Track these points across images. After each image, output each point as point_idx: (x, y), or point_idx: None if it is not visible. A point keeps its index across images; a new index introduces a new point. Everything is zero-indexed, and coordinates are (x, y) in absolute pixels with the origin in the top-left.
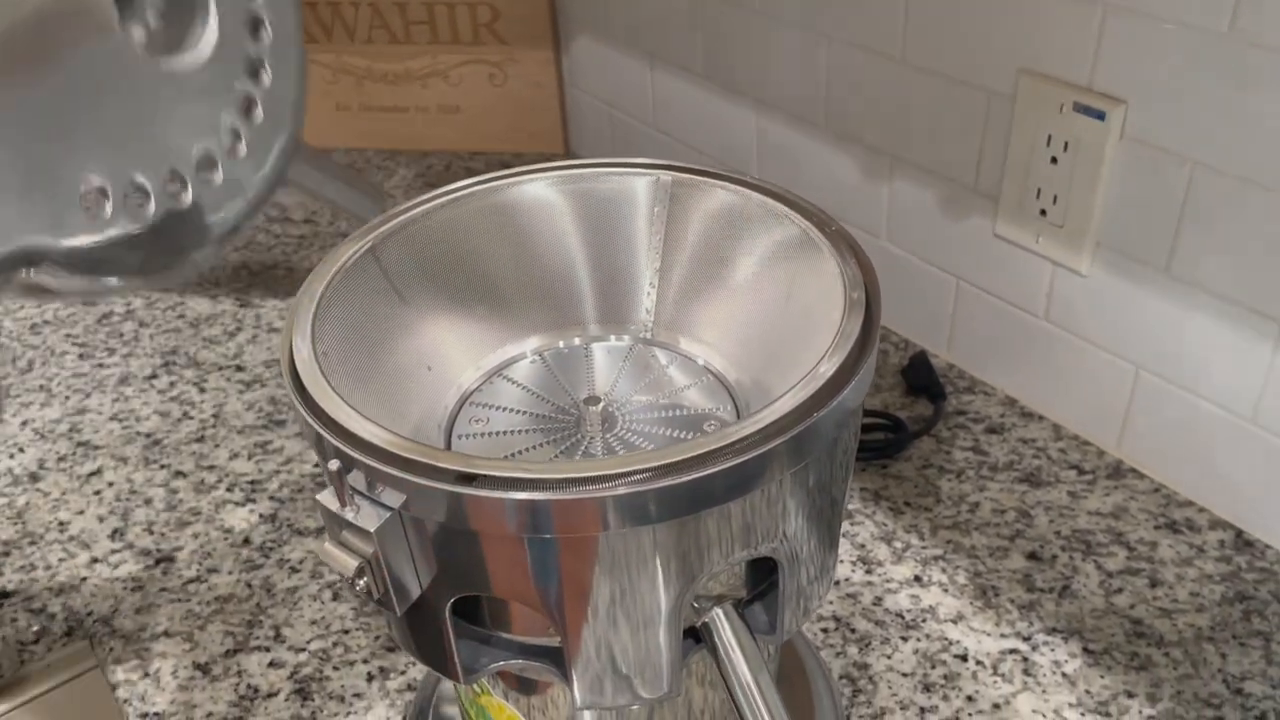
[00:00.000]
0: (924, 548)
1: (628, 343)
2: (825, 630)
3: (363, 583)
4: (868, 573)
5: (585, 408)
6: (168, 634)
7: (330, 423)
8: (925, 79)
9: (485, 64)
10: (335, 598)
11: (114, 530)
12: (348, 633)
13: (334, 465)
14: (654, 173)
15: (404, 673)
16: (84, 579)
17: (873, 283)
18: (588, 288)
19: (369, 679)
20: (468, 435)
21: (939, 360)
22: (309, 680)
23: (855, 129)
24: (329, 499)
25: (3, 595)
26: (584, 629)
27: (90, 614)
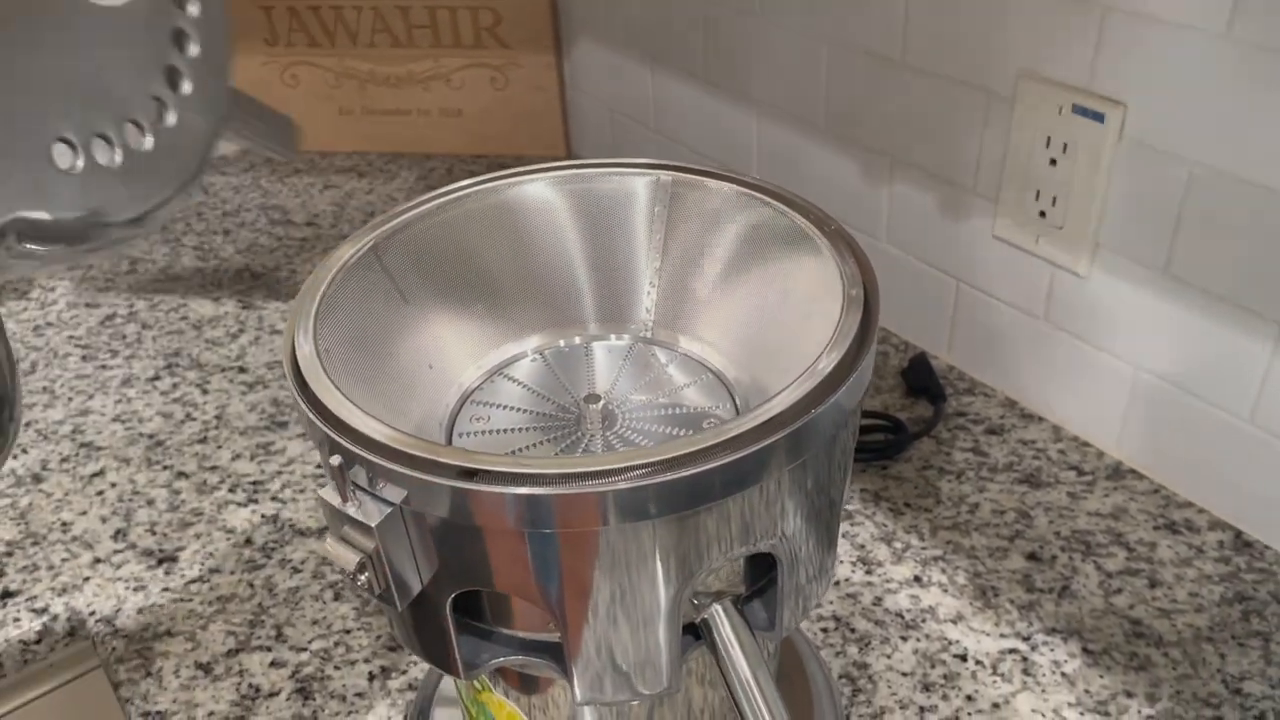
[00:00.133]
0: (924, 548)
1: (628, 341)
2: (825, 630)
3: (364, 578)
4: (868, 573)
5: (585, 406)
6: (170, 633)
7: (332, 418)
8: (925, 81)
9: (487, 67)
10: (337, 598)
11: (117, 530)
12: (349, 632)
13: (335, 460)
14: (654, 172)
15: (405, 672)
16: (87, 579)
17: (871, 280)
18: (588, 287)
19: (370, 678)
20: (469, 433)
21: (939, 362)
22: (310, 679)
23: (855, 131)
24: (331, 494)
25: (6, 595)
26: (584, 624)
27: (93, 614)
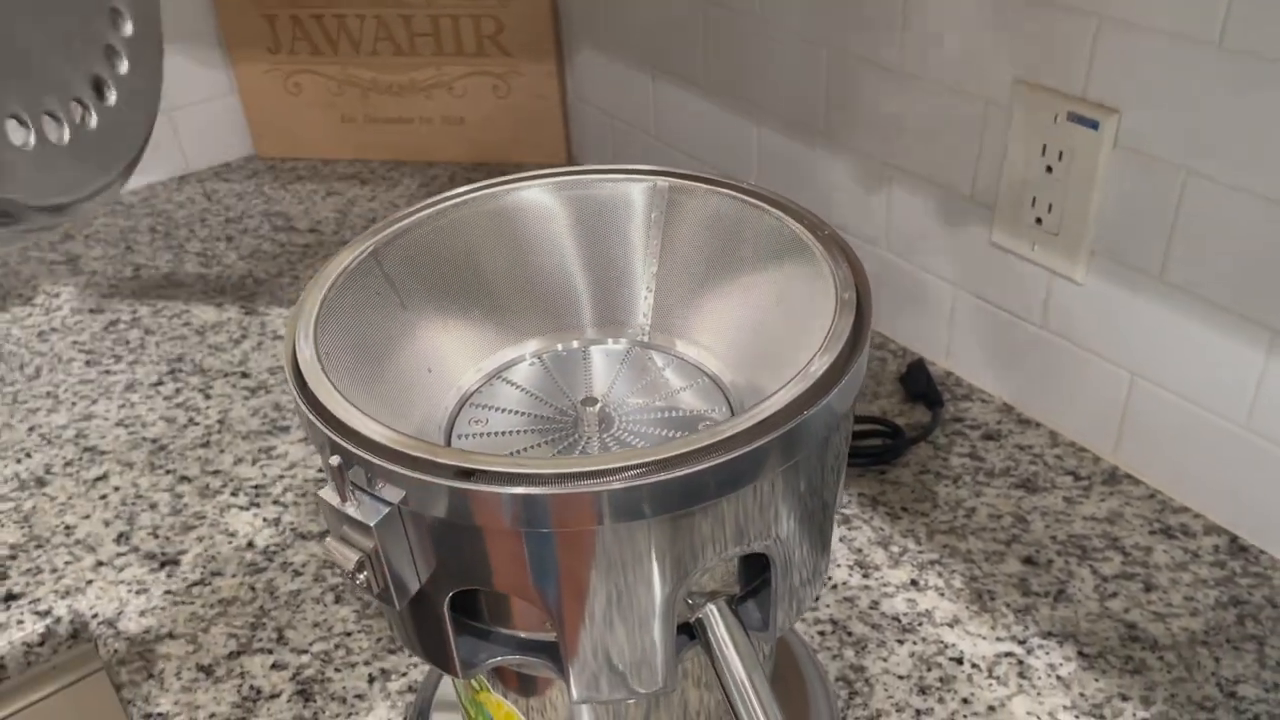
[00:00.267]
0: (921, 552)
1: (625, 345)
2: (822, 633)
3: (363, 577)
4: (865, 576)
5: (583, 409)
6: (172, 636)
7: (331, 419)
8: (923, 88)
9: (489, 75)
10: (338, 601)
11: (119, 534)
12: (349, 635)
13: (335, 461)
14: (651, 179)
15: (405, 674)
16: (89, 582)
17: (864, 284)
18: (585, 292)
19: (370, 680)
20: (467, 435)
21: (936, 368)
22: (311, 682)
23: (854, 138)
24: (330, 494)
25: (9, 598)
26: (580, 623)
27: (95, 616)
